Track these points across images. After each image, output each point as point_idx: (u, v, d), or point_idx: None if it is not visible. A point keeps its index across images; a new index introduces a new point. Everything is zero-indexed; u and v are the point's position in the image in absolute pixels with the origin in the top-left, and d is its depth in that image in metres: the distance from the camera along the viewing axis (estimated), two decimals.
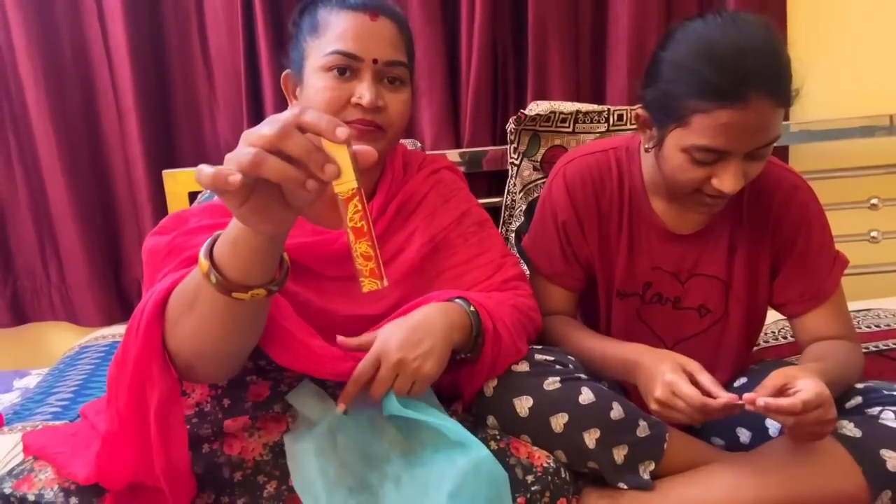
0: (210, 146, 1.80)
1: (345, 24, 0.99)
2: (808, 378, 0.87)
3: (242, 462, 0.95)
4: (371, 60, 0.98)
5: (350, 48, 0.98)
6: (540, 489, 0.92)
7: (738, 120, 0.90)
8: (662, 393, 0.93)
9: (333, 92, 0.98)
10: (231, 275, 0.70)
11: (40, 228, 1.81)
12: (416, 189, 1.10)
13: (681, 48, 0.95)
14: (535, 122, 1.62)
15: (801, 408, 0.85)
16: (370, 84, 0.98)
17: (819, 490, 0.93)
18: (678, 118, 0.95)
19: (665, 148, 1.00)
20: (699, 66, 0.91)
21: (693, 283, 1.13)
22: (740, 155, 0.94)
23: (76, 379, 1.52)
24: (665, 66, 0.96)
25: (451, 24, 1.71)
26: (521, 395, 0.97)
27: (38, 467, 0.94)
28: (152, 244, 0.93)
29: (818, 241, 1.10)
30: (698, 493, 0.96)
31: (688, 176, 0.98)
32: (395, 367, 0.88)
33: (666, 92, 0.96)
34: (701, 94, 0.91)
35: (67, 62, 1.71)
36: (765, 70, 0.89)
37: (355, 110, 0.98)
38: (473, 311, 0.97)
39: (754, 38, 0.91)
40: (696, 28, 0.95)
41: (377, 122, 0.99)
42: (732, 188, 0.95)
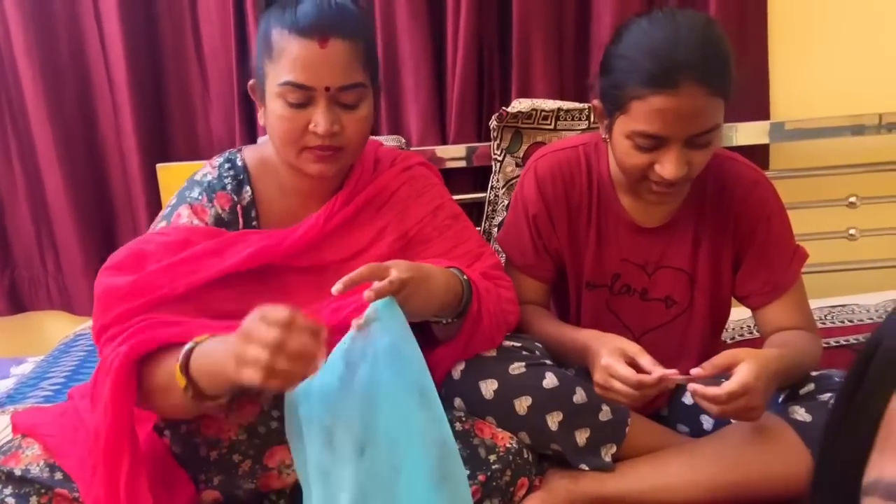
0: (203, 140, 1.85)
1: (295, 53, 0.98)
2: (748, 364, 0.91)
3: (218, 441, 0.99)
4: (323, 88, 0.98)
5: (301, 79, 0.98)
6: (501, 468, 0.96)
7: (671, 106, 0.95)
8: (599, 376, 0.97)
9: (290, 123, 1.00)
10: (206, 392, 0.87)
11: (37, 220, 1.86)
12: (387, 184, 1.13)
13: (623, 42, 1.00)
14: (517, 119, 1.65)
15: (724, 398, 0.89)
16: (324, 111, 0.98)
17: (771, 472, 0.97)
18: (620, 105, 1.00)
19: (613, 135, 1.05)
20: (636, 55, 0.97)
21: (659, 274, 1.17)
22: (679, 141, 0.98)
23: (69, 365, 1.56)
24: (610, 58, 1.02)
25: (437, 22, 1.75)
26: (487, 379, 1.02)
27: (26, 444, 0.99)
28: (108, 285, 0.97)
29: (777, 234, 1.13)
30: (655, 474, 1.00)
31: (632, 162, 1.02)
32: (401, 282, 0.88)
33: (611, 82, 1.01)
34: (637, 81, 0.96)
35: (64, 58, 1.76)
36: (696, 58, 0.94)
37: (313, 137, 1.00)
38: (466, 280, 1.00)
39: (690, 29, 0.96)
40: (640, 23, 1.00)
41: (335, 144, 1.01)
42: (673, 174, 0.98)
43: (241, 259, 1.00)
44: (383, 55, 1.73)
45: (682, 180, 1.01)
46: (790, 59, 1.81)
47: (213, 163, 1.12)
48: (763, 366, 0.92)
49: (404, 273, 0.89)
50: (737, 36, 1.75)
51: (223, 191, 1.07)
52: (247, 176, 1.10)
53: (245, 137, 1.77)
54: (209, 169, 1.11)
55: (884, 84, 1.80)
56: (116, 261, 1.00)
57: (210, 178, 1.09)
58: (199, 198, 1.07)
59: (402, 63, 1.74)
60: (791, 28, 1.79)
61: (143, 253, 1.00)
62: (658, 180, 1.01)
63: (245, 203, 1.08)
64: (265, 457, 0.99)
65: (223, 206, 1.07)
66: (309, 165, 1.03)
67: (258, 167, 1.11)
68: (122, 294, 0.95)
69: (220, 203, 1.07)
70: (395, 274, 0.88)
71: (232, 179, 1.09)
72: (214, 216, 1.06)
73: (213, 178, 1.09)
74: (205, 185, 1.08)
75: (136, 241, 1.03)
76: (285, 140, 1.02)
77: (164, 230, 1.03)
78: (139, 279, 0.96)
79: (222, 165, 1.11)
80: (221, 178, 1.09)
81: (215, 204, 1.07)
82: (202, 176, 1.10)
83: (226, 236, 1.02)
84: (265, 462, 0.99)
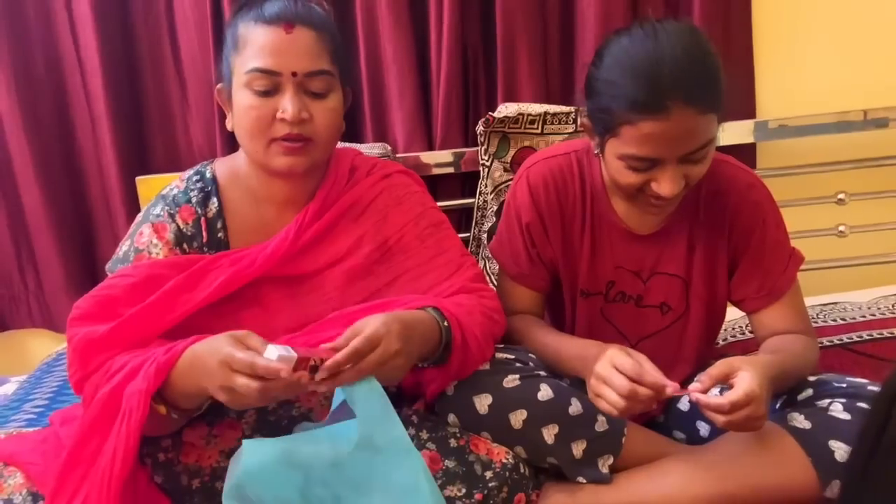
0: (183, 151, 1.82)
1: (262, 40, 0.98)
2: (748, 373, 0.90)
3: (199, 469, 0.97)
4: (290, 73, 0.98)
5: (267, 64, 0.97)
6: (498, 484, 0.94)
7: (661, 130, 0.93)
8: (601, 365, 0.94)
9: (258, 111, 0.98)
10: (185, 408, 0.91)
11: (16, 236, 1.83)
12: (364, 194, 1.11)
13: (606, 63, 0.98)
14: (503, 124, 1.64)
15: (728, 408, 0.88)
16: (292, 97, 0.98)
17: (770, 480, 0.95)
18: (609, 129, 0.98)
19: (605, 155, 1.03)
20: (621, 80, 0.94)
21: (654, 281, 1.16)
22: (673, 160, 0.96)
23: (52, 385, 1.53)
24: (594, 81, 0.99)
25: (421, 27, 1.73)
26: (481, 393, 1.00)
27: (8, 473, 0.96)
28: (84, 336, 0.95)
29: (773, 238, 1.12)
30: (653, 485, 0.99)
31: (628, 181, 1.00)
32: (391, 356, 0.87)
33: (597, 105, 0.99)
34: (624, 107, 0.94)
35: (39, 71, 1.73)
36: (682, 80, 0.91)
37: (282, 125, 0.99)
38: (447, 327, 0.97)
39: (673, 48, 0.92)
40: (620, 43, 0.97)
41: (304, 133, 1.00)
42: (670, 192, 0.97)
43: (214, 289, 0.98)
44: (367, 62, 1.71)
45: (679, 195, 0.99)
46: (775, 58, 1.81)
47: (183, 176, 1.11)
48: (762, 373, 0.90)
49: (394, 345, 0.87)
50: (721, 35, 1.75)
51: (187, 204, 1.06)
52: (215, 187, 1.08)
53: (225, 145, 1.75)
54: (177, 182, 1.10)
55: (868, 80, 1.80)
56: (84, 310, 0.98)
57: (176, 191, 1.08)
58: (161, 214, 1.05)
59: (387, 69, 1.72)
60: (775, 26, 1.79)
61: (110, 298, 0.98)
62: (655, 196, 1.00)
63: (211, 215, 1.06)
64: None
65: (185, 220, 1.05)
66: (277, 159, 1.01)
67: (228, 177, 1.10)
68: (100, 344, 0.93)
69: (182, 217, 1.05)
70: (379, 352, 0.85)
71: (199, 192, 1.07)
72: (175, 231, 1.04)
73: (178, 191, 1.08)
74: (169, 199, 1.07)
75: (100, 287, 1.01)
76: (252, 131, 1.00)
77: (125, 271, 1.01)
78: (116, 327, 0.94)
79: (191, 178, 1.09)
80: (187, 192, 1.07)
81: (177, 219, 1.05)
82: (168, 190, 1.09)
83: (194, 268, 1.00)
84: None
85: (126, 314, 0.95)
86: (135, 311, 0.95)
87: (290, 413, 1.02)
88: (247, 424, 1.00)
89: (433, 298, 1.02)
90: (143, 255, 1.03)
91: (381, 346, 0.85)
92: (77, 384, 0.96)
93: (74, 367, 0.95)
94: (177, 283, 0.97)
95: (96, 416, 0.88)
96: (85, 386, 0.94)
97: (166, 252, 1.03)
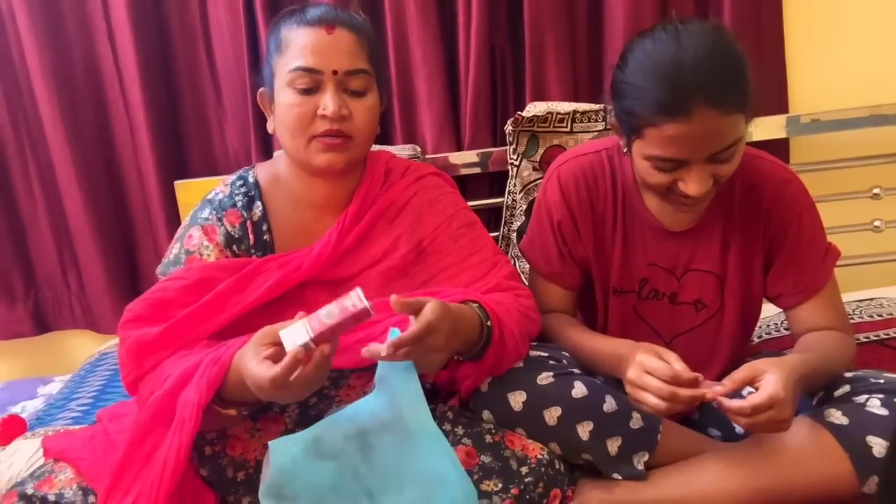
0: (219, 156, 1.85)
1: (304, 40, 1.03)
2: (774, 376, 0.89)
3: (245, 462, 0.99)
4: (331, 72, 1.03)
5: (309, 63, 1.02)
6: (533, 480, 0.95)
7: (684, 132, 0.93)
8: (633, 371, 0.95)
9: (300, 108, 1.03)
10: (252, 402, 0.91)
11: (59, 241, 1.88)
12: (398, 196, 1.13)
13: (630, 66, 0.98)
14: (532, 123, 1.64)
15: (749, 411, 0.88)
16: (333, 95, 1.03)
17: (807, 477, 0.95)
18: (635, 131, 0.99)
19: (633, 155, 1.04)
20: (644, 83, 0.95)
21: (688, 278, 1.16)
22: (700, 161, 0.96)
23: (95, 385, 1.57)
24: (619, 84, 1.00)
25: (449, 29, 1.74)
26: (515, 390, 1.01)
27: (58, 469, 0.99)
28: (137, 337, 0.98)
29: (809, 233, 1.11)
30: (689, 481, 0.99)
31: (655, 181, 1.01)
32: (439, 346, 0.88)
33: (622, 108, 1.00)
34: (648, 110, 0.94)
35: (79, 80, 1.77)
36: (704, 82, 0.91)
37: (322, 122, 1.03)
38: (489, 327, 0.97)
39: (695, 49, 0.92)
40: (643, 45, 0.97)
41: (344, 130, 1.04)
42: (697, 191, 0.97)
43: (263, 292, 1.01)
44: (396, 64, 1.72)
45: (708, 193, 0.99)
46: (807, 52, 1.78)
47: (226, 181, 1.14)
48: (788, 375, 0.90)
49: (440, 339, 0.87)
50: (753, 30, 1.73)
51: (233, 208, 1.09)
52: (258, 192, 1.11)
53: (260, 150, 1.78)
54: (222, 187, 1.13)
55: None
56: (136, 313, 1.02)
57: (221, 196, 1.11)
58: (209, 217, 1.09)
59: (415, 71, 1.74)
60: (807, 20, 1.77)
61: (163, 301, 1.01)
62: (684, 196, 1.00)
63: (256, 219, 1.10)
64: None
65: (233, 224, 1.09)
66: (318, 156, 1.04)
67: (269, 182, 1.13)
68: (153, 345, 0.97)
69: (230, 220, 1.09)
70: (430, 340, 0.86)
71: (243, 196, 1.10)
72: (224, 234, 1.08)
73: (224, 196, 1.11)
74: (215, 203, 1.10)
75: (153, 290, 1.04)
76: (294, 128, 1.04)
77: (179, 274, 1.04)
78: (169, 328, 0.97)
79: (234, 183, 1.13)
80: (232, 196, 1.11)
81: (225, 222, 1.08)
82: (214, 195, 1.12)
83: (244, 271, 1.03)
84: None
85: (178, 315, 0.98)
86: (187, 313, 0.98)
87: (330, 407, 1.04)
88: (289, 418, 1.03)
89: (477, 294, 1.03)
90: (195, 256, 1.06)
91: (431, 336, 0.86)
92: (131, 385, 0.99)
93: (128, 368, 0.99)
94: (228, 286, 1.00)
95: (150, 419, 0.92)
96: (139, 387, 0.98)
97: (217, 254, 1.06)
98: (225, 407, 0.91)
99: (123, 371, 1.00)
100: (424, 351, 0.86)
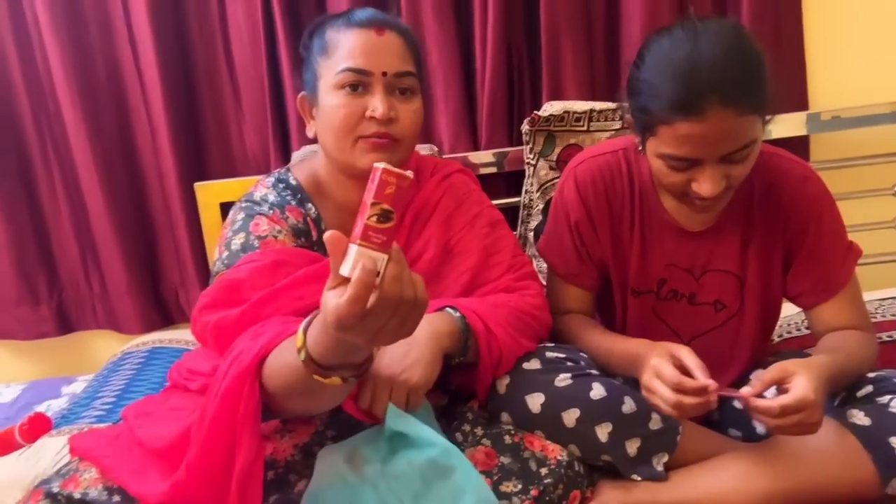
0: (238, 157, 1.87)
1: (353, 42, 1.03)
2: (804, 378, 0.88)
3: (275, 462, 1.00)
4: (381, 73, 1.02)
5: (360, 64, 1.02)
6: (553, 482, 0.95)
7: (697, 131, 0.92)
8: (646, 375, 0.95)
9: (347, 108, 1.02)
10: (316, 354, 0.73)
11: (82, 242, 1.91)
12: (430, 196, 1.14)
13: (646, 64, 0.98)
14: (549, 122, 1.64)
15: (777, 412, 0.87)
16: (382, 97, 1.02)
17: (829, 479, 0.94)
18: (648, 128, 0.98)
19: (647, 154, 1.03)
20: (659, 81, 0.94)
21: (707, 278, 1.15)
22: (713, 161, 0.96)
23: (119, 384, 1.60)
24: (635, 81, 1.00)
25: (465, 28, 1.74)
26: (533, 392, 1.01)
27: (83, 467, 1.00)
28: (217, 321, 0.95)
29: (829, 232, 1.10)
30: (709, 483, 0.98)
31: (669, 180, 1.00)
32: (387, 385, 0.90)
33: (637, 105, 0.99)
34: (661, 107, 0.94)
35: (101, 83, 1.80)
36: (719, 82, 0.90)
37: (370, 124, 1.02)
38: (460, 317, 0.99)
39: (712, 48, 0.92)
40: (660, 44, 0.97)
41: (392, 133, 1.03)
42: (711, 192, 0.96)
43: None
44: None
45: (722, 194, 0.99)
46: (827, 48, 1.77)
47: (265, 184, 1.13)
48: (817, 377, 0.89)
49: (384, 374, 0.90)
50: (772, 27, 1.71)
51: (289, 205, 1.09)
52: (304, 194, 1.12)
53: (279, 151, 1.80)
54: (265, 190, 1.12)
55: None
56: (211, 297, 0.99)
57: (272, 197, 1.10)
58: (270, 211, 1.08)
59: (431, 71, 1.74)
60: (827, 16, 1.75)
61: (237, 283, 0.98)
62: (698, 197, 0.99)
63: (313, 216, 1.10)
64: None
65: (297, 218, 1.09)
66: (363, 157, 1.03)
67: (312, 185, 1.13)
68: (235, 327, 0.94)
69: (294, 216, 1.09)
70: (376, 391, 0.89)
71: (292, 196, 1.10)
72: (292, 226, 1.07)
73: (274, 196, 1.10)
74: (270, 201, 1.09)
75: (225, 273, 1.01)
76: (341, 129, 1.03)
77: (253, 256, 1.02)
78: (249, 309, 0.94)
79: (276, 185, 1.12)
80: (282, 196, 1.10)
81: (288, 215, 1.08)
82: (262, 196, 1.11)
83: (322, 263, 0.99)
84: None
85: (255, 297, 0.95)
86: (266, 294, 0.95)
87: None
88: (319, 420, 1.03)
89: (446, 300, 1.04)
90: (270, 240, 1.04)
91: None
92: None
93: (215, 351, 0.98)
94: (308, 273, 0.97)
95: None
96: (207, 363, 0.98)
97: (290, 239, 1.05)
98: (326, 375, 0.76)
99: (211, 354, 0.98)
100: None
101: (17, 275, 1.89)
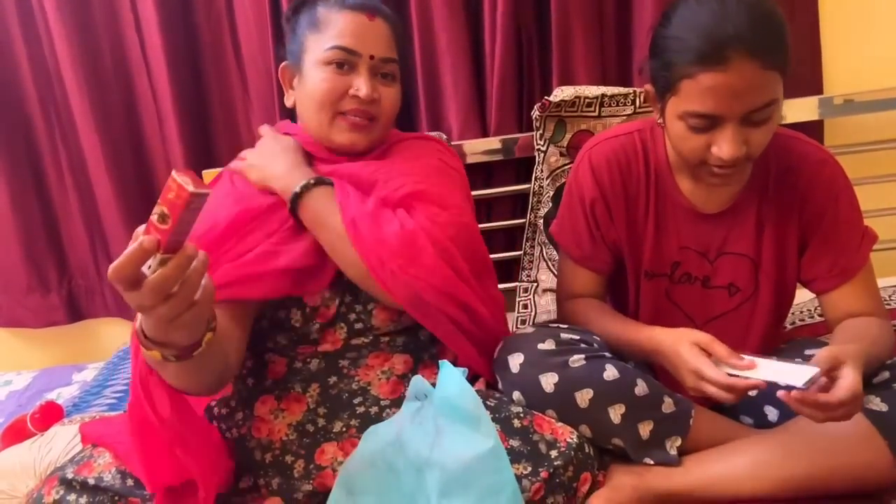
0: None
1: (344, 22, 1.08)
2: (852, 368, 0.86)
3: (271, 443, 1.00)
4: (368, 56, 1.07)
5: (349, 44, 1.07)
6: (563, 463, 0.94)
7: (721, 82, 0.92)
8: (692, 382, 0.95)
9: (332, 84, 1.07)
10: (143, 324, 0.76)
11: (91, 229, 1.91)
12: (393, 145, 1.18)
13: (672, 22, 0.98)
14: (559, 108, 1.62)
15: (836, 406, 0.85)
16: (367, 78, 1.07)
17: (844, 464, 0.93)
18: (670, 86, 0.97)
19: (667, 119, 1.02)
20: (684, 34, 0.94)
21: (722, 261, 1.14)
22: (734, 120, 0.95)
23: (129, 372, 1.59)
24: (659, 39, 0.99)
25: (474, 12, 1.72)
26: (547, 372, 1.00)
27: (97, 453, 1.01)
28: None
29: (846, 216, 1.09)
30: (723, 468, 0.98)
31: (689, 145, 0.99)
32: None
33: (660, 64, 0.99)
34: (685, 60, 0.94)
35: (108, 71, 1.79)
36: (745, 32, 0.90)
37: (352, 101, 1.07)
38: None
39: (738, 6, 0.92)
40: (687, 2, 0.97)
41: (371, 112, 1.08)
42: (730, 153, 0.95)
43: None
44: (421, 50, 1.71)
45: (741, 160, 0.97)
46: (842, 32, 1.74)
47: None
48: (859, 367, 0.88)
49: None
50: (787, 10, 1.65)
51: None
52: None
53: None
54: None
55: None
56: None
57: None
58: None
59: (440, 57, 1.72)
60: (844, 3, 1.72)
61: None
62: (717, 163, 0.98)
63: None
64: (316, 455, 1.00)
65: None
66: (341, 134, 1.09)
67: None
68: None
69: None
70: None
71: None
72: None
73: None
74: None
75: None
76: (322, 102, 1.07)
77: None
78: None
79: None
80: None
81: None
82: None
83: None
84: (317, 461, 1.00)
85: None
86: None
87: (350, 387, 1.05)
88: (311, 398, 1.04)
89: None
90: None
91: None
92: None
93: None
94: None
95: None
96: None
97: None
98: (148, 347, 0.77)
99: None
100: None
101: (26, 263, 1.90)
